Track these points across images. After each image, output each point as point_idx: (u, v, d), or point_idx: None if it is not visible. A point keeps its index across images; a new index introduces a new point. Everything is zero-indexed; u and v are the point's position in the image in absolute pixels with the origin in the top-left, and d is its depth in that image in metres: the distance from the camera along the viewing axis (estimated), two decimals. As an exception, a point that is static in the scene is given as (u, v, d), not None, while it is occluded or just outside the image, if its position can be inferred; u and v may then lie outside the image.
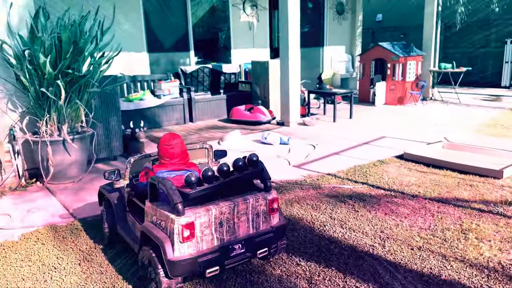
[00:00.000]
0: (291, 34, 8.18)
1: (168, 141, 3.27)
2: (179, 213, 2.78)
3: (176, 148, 3.28)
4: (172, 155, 3.26)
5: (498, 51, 14.10)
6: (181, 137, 3.37)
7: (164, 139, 3.30)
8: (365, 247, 3.58)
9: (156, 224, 2.96)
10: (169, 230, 2.81)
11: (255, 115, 8.85)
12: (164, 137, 3.33)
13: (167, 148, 3.25)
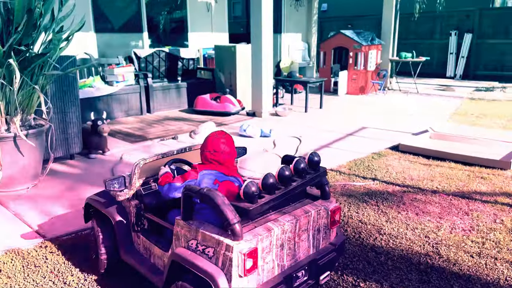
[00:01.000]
0: (265, 16, 7.49)
1: (220, 140, 2.56)
2: (236, 237, 2.04)
3: (228, 149, 2.57)
4: (224, 158, 2.52)
5: (443, 43, 14.55)
6: (231, 136, 2.65)
7: (214, 138, 2.58)
8: (420, 257, 3.08)
9: (196, 251, 2.18)
10: (223, 260, 2.06)
11: (224, 105, 8.07)
12: (213, 135, 2.61)
13: (219, 149, 2.53)
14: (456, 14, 14.19)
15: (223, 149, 2.53)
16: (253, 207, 2.10)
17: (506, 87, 11.86)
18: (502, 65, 13.59)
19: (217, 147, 2.53)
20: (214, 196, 2.09)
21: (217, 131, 2.66)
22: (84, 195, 4.12)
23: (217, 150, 2.52)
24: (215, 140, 2.56)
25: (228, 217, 2.05)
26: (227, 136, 2.62)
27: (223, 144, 2.56)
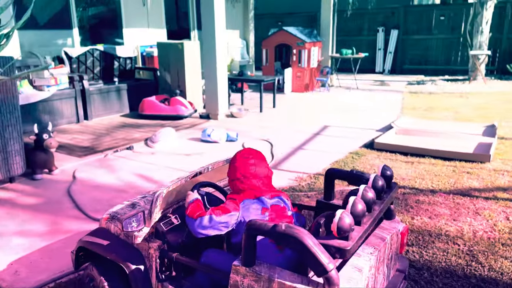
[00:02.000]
0: (217, 10, 6.93)
1: (248, 162, 2.10)
2: (333, 286, 1.56)
3: (262, 171, 2.08)
4: (260, 182, 2.02)
5: (371, 39, 15.05)
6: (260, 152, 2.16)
7: (242, 161, 2.12)
8: (464, 269, 2.82)
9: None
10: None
11: (175, 108, 7.36)
12: (238, 157, 2.14)
13: (250, 173, 2.07)
14: (382, 11, 14.74)
15: (257, 173, 2.08)
16: (351, 245, 1.64)
17: (435, 80, 12.53)
18: (426, 60, 14.41)
19: (247, 172, 2.08)
20: (301, 235, 1.58)
21: (241, 151, 2.19)
22: (42, 228, 3.32)
23: (248, 176, 2.08)
24: (243, 163, 2.10)
25: (322, 262, 1.55)
26: (256, 153, 2.17)
27: (254, 166, 2.11)
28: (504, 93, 10.05)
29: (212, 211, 1.95)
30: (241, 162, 2.12)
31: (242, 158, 2.14)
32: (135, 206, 2.37)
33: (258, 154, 2.16)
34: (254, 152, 2.16)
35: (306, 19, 15.95)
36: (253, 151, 2.17)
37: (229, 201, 2.02)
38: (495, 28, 12.60)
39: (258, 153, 2.16)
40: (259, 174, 2.08)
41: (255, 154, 2.17)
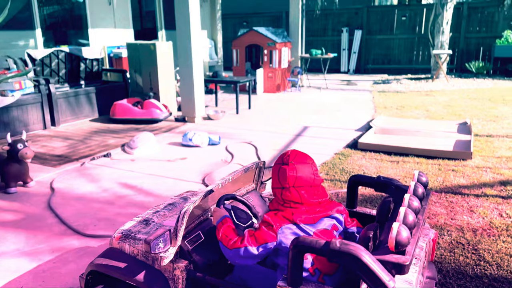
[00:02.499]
0: (192, 9, 6.73)
1: (305, 167, 1.88)
2: (392, 303, 1.48)
3: (303, 173, 1.89)
4: (311, 194, 1.85)
5: (336, 39, 15.28)
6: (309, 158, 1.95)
7: (280, 158, 1.92)
8: (473, 267, 2.84)
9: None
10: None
11: (150, 111, 7.08)
12: (299, 157, 1.91)
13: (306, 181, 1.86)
14: (346, 11, 14.99)
15: (311, 180, 1.88)
16: (409, 260, 1.56)
17: (399, 79, 12.88)
18: (389, 59, 14.81)
19: (302, 180, 1.85)
20: (358, 252, 1.49)
21: (290, 151, 1.94)
22: (27, 247, 3.06)
23: (303, 184, 1.85)
24: (300, 168, 1.87)
25: (383, 280, 1.47)
26: (308, 157, 1.94)
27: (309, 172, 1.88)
28: (465, 90, 10.48)
29: (248, 241, 1.80)
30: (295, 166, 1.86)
31: (294, 160, 1.89)
32: (149, 222, 2.19)
33: (310, 158, 1.94)
34: (305, 156, 1.93)
35: (272, 19, 15.96)
36: (302, 153, 1.94)
37: (264, 226, 1.82)
38: (453, 28, 13.13)
39: (309, 157, 1.95)
40: (314, 182, 1.86)
41: (309, 159, 1.93)
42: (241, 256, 1.79)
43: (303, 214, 1.82)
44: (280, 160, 1.95)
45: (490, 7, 13.01)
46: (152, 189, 4.32)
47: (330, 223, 1.86)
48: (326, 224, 1.85)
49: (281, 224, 1.81)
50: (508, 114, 7.57)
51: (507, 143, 5.78)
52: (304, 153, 1.96)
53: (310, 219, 1.82)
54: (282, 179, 1.88)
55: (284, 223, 1.80)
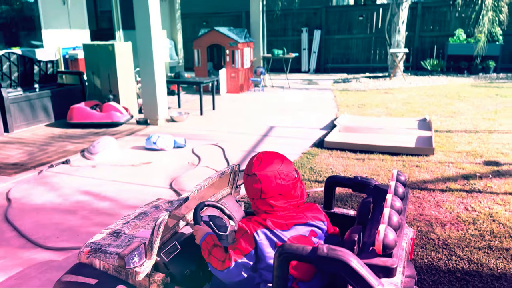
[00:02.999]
0: (152, 8, 6.53)
1: (279, 168, 1.78)
2: (382, 308, 1.45)
3: (292, 180, 1.81)
4: (287, 197, 1.77)
5: (296, 39, 15.40)
6: (290, 161, 1.87)
7: (248, 167, 1.82)
8: (446, 264, 2.90)
9: None
10: None
11: (109, 115, 6.82)
12: (265, 163, 1.79)
13: (273, 181, 1.77)
14: (305, 11, 15.13)
15: (279, 188, 1.78)
16: (396, 262, 1.53)
17: (358, 77, 13.15)
18: (348, 58, 15.09)
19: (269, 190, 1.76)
20: (346, 257, 1.44)
21: (256, 157, 1.83)
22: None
23: (271, 195, 1.77)
24: (265, 178, 1.76)
25: (371, 284, 1.43)
26: (276, 160, 1.82)
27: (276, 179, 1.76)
28: (422, 88, 10.84)
29: (234, 256, 1.73)
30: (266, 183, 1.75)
31: (265, 163, 1.77)
32: (120, 234, 2.06)
33: (285, 159, 1.82)
34: (278, 156, 1.81)
35: (232, 19, 15.87)
36: (277, 154, 1.83)
37: (243, 238, 1.74)
38: (408, 27, 13.56)
39: (284, 157, 1.83)
40: (288, 184, 1.77)
41: (282, 159, 1.81)
42: (234, 274, 1.73)
43: (276, 218, 1.76)
44: (246, 169, 1.85)
45: (443, 6, 13.54)
46: (117, 197, 4.14)
47: (308, 229, 1.80)
48: (303, 230, 1.79)
49: (256, 229, 1.75)
50: (464, 110, 7.89)
51: (466, 138, 6.00)
52: (273, 155, 1.84)
53: (284, 225, 1.75)
54: (249, 190, 1.81)
55: (258, 228, 1.74)
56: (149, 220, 2.21)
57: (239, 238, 1.74)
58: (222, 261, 1.74)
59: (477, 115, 7.44)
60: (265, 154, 1.84)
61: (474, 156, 5.21)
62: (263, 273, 1.75)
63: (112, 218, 3.61)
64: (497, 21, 11.09)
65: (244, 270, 1.72)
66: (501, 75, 12.47)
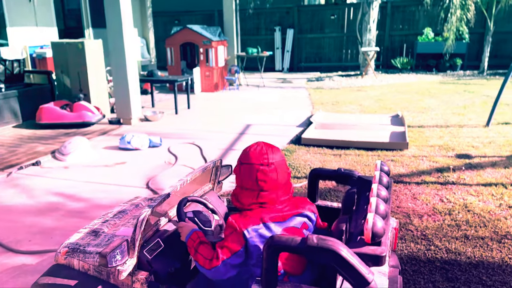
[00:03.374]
0: (124, 5, 6.39)
1: (266, 158, 1.72)
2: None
3: (281, 172, 1.76)
4: (277, 193, 1.73)
5: (269, 38, 15.42)
6: (280, 151, 1.83)
7: (257, 157, 1.72)
8: (425, 252, 2.95)
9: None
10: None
11: (81, 114, 6.62)
12: (254, 152, 1.74)
13: (266, 174, 1.71)
14: (277, 10, 15.18)
15: (288, 178, 1.77)
16: (385, 251, 1.53)
17: (331, 76, 13.30)
18: (320, 57, 15.24)
19: (282, 179, 1.73)
20: (337, 247, 1.43)
21: (264, 147, 1.75)
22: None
23: (280, 185, 1.73)
24: (256, 150, 1.73)
25: (363, 274, 1.42)
26: (275, 150, 1.78)
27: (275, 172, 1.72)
28: (393, 85, 11.06)
29: (222, 254, 1.68)
30: (257, 164, 1.70)
31: (258, 157, 1.72)
32: (99, 233, 1.99)
33: (274, 151, 1.77)
34: (271, 150, 1.75)
35: (204, 17, 15.74)
36: (268, 148, 1.76)
37: (232, 235, 1.69)
38: (379, 26, 13.81)
39: (274, 149, 1.78)
40: (280, 185, 1.74)
41: (272, 154, 1.75)
42: (222, 273, 1.68)
43: (272, 212, 1.73)
44: (257, 160, 1.74)
45: (412, 5, 13.86)
46: (92, 197, 4.01)
47: (301, 221, 1.78)
48: (296, 222, 1.78)
49: (246, 226, 1.70)
50: (435, 106, 8.09)
51: (437, 133, 6.15)
52: (276, 147, 1.81)
53: (279, 217, 1.73)
54: (260, 181, 1.71)
55: (251, 224, 1.69)
56: (129, 218, 2.14)
57: (228, 235, 1.70)
58: (210, 259, 1.69)
59: (447, 111, 7.64)
60: (270, 146, 1.78)
61: (446, 149, 5.34)
62: (252, 269, 1.72)
63: (87, 220, 3.49)
64: (465, 19, 11.44)
65: (232, 268, 1.68)
66: (468, 72, 12.88)
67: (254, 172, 1.72)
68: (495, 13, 12.04)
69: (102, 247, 1.84)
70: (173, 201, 2.04)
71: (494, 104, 6.37)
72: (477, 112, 7.41)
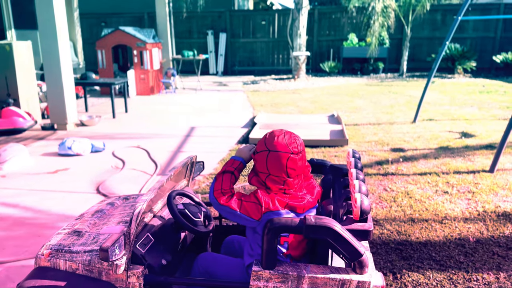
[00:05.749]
0: (57, 4, 6.08)
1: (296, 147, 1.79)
2: (364, 269, 1.61)
3: (305, 159, 1.87)
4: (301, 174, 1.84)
5: (202, 42, 15.42)
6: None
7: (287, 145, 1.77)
8: (380, 236, 3.21)
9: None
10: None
11: (11, 121, 6.18)
12: (282, 141, 1.77)
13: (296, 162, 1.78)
14: (209, 14, 15.25)
15: (303, 163, 1.82)
16: (372, 226, 1.69)
17: (266, 79, 13.64)
18: (253, 61, 15.56)
19: (296, 165, 1.77)
20: (332, 224, 1.56)
21: (279, 133, 1.79)
22: None
23: (295, 168, 1.77)
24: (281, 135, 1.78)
25: (355, 246, 1.58)
26: (297, 136, 1.84)
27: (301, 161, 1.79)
28: (324, 88, 11.64)
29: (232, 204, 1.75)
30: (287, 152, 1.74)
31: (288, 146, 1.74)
32: (82, 233, 1.93)
33: (300, 139, 1.82)
34: (297, 137, 1.81)
35: (133, 19, 15.34)
36: (294, 134, 1.81)
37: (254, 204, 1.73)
38: (307, 32, 14.44)
39: (299, 137, 1.83)
40: (305, 168, 1.83)
41: (299, 139, 1.81)
42: (225, 212, 1.78)
43: (295, 201, 1.79)
44: (287, 148, 1.76)
45: (337, 12, 14.69)
46: (39, 206, 3.79)
47: (314, 212, 1.89)
48: (311, 214, 1.84)
49: (271, 208, 1.74)
50: (365, 106, 8.66)
51: (371, 130, 6.62)
52: (296, 134, 1.86)
53: (300, 209, 1.80)
54: (290, 169, 1.76)
55: (276, 209, 1.74)
56: (108, 216, 2.11)
57: (249, 201, 1.75)
58: (221, 192, 1.78)
59: (377, 110, 8.23)
60: (292, 134, 1.82)
61: (382, 144, 5.78)
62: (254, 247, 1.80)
63: (42, 228, 3.31)
64: (386, 25, 12.38)
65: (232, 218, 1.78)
66: (389, 74, 13.93)
67: (284, 161, 1.75)
68: (411, 20, 13.18)
69: (90, 245, 1.80)
70: (156, 198, 2.05)
71: (419, 103, 7.01)
72: (403, 111, 8.08)
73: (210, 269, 1.88)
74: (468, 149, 5.45)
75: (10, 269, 2.70)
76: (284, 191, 1.78)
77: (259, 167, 1.81)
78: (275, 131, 1.83)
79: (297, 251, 1.83)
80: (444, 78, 12.70)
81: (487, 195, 3.97)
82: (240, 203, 1.75)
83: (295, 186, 1.80)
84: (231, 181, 1.83)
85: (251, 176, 1.86)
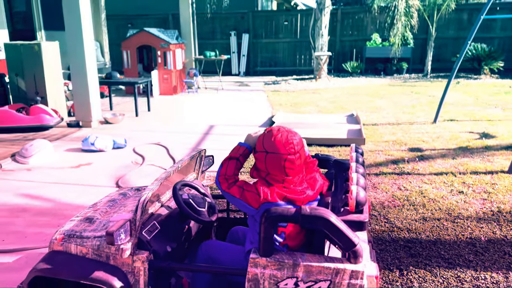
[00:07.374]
0: (83, 7, 6.31)
1: (292, 147, 1.82)
2: (359, 258, 1.65)
3: (303, 155, 1.91)
4: (300, 171, 1.88)
5: (225, 42, 15.58)
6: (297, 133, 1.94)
7: (283, 146, 1.80)
8: (389, 233, 3.22)
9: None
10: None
11: (38, 117, 6.44)
12: (279, 142, 1.81)
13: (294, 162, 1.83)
14: (232, 15, 15.39)
15: (301, 161, 1.86)
16: (367, 217, 1.73)
17: (287, 79, 13.67)
18: (275, 62, 15.61)
19: (294, 165, 1.81)
20: (327, 215, 1.62)
21: (276, 133, 1.82)
22: None
23: (293, 167, 1.82)
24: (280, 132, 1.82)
25: (350, 237, 1.62)
26: (294, 133, 1.87)
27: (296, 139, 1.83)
28: (345, 88, 11.58)
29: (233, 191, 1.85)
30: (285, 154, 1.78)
31: (285, 147, 1.78)
32: (93, 220, 2.05)
33: (297, 135, 1.87)
34: (294, 135, 1.83)
35: (158, 21, 15.65)
36: (291, 132, 1.86)
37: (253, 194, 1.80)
38: (330, 32, 14.38)
39: (295, 133, 1.87)
40: (303, 164, 1.88)
41: (296, 137, 1.84)
42: (228, 196, 1.88)
43: (295, 194, 1.84)
44: (284, 149, 1.80)
45: (360, 12, 14.59)
46: (61, 198, 3.97)
47: (315, 204, 1.95)
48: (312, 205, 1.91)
49: (269, 199, 1.79)
50: (385, 106, 8.59)
51: (389, 130, 6.57)
52: (294, 131, 1.90)
53: (300, 202, 1.85)
54: (288, 169, 1.81)
55: (274, 201, 1.80)
56: (120, 206, 2.22)
57: (249, 191, 1.82)
58: (224, 177, 1.87)
59: (397, 110, 8.15)
60: (291, 131, 1.87)
61: (399, 144, 5.74)
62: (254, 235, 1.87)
63: (60, 218, 3.47)
64: (409, 25, 12.21)
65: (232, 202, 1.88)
66: (413, 75, 13.73)
67: (282, 162, 1.80)
68: (436, 20, 12.95)
69: (99, 231, 1.91)
70: (163, 189, 2.14)
71: (440, 103, 6.91)
72: (425, 111, 7.97)
73: (213, 256, 1.96)
74: (488, 150, 5.35)
75: (30, 255, 2.86)
76: (283, 186, 1.84)
77: (259, 166, 1.89)
78: (272, 130, 1.87)
79: (294, 242, 1.89)
80: (470, 79, 12.42)
81: (503, 195, 3.91)
82: (242, 191, 1.82)
83: (295, 182, 1.86)
84: (236, 167, 1.90)
85: (252, 170, 1.93)
